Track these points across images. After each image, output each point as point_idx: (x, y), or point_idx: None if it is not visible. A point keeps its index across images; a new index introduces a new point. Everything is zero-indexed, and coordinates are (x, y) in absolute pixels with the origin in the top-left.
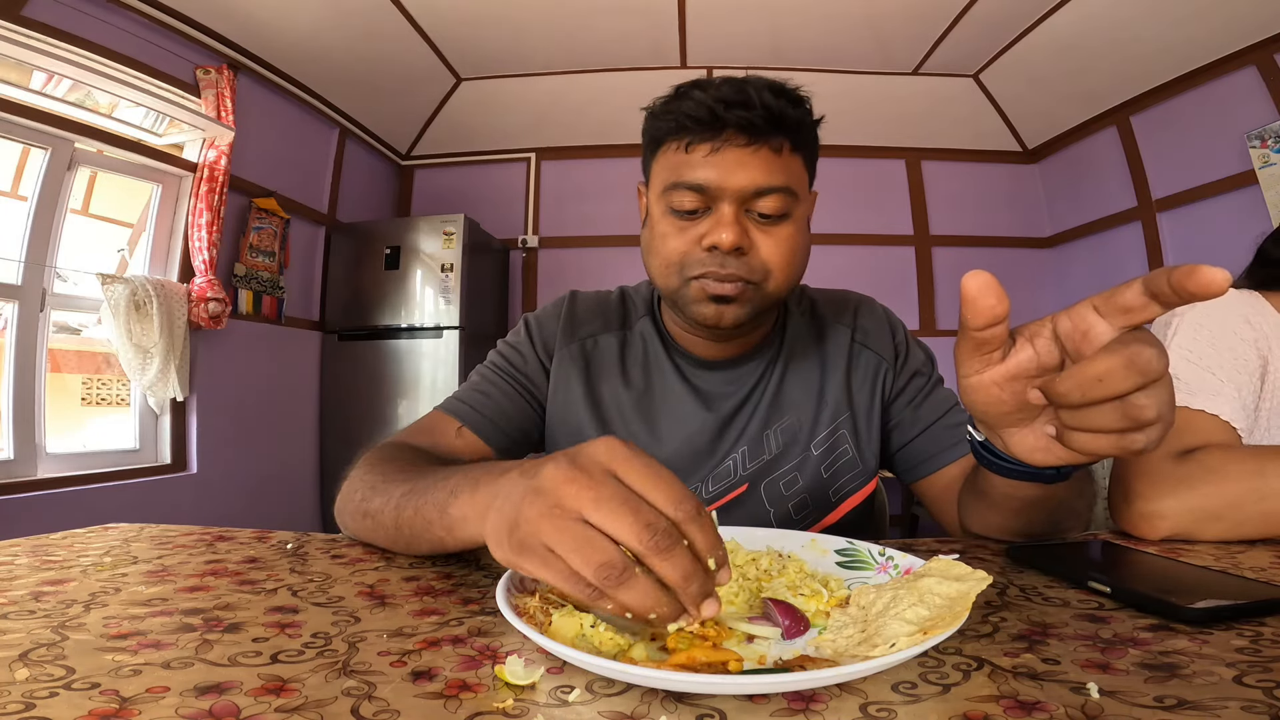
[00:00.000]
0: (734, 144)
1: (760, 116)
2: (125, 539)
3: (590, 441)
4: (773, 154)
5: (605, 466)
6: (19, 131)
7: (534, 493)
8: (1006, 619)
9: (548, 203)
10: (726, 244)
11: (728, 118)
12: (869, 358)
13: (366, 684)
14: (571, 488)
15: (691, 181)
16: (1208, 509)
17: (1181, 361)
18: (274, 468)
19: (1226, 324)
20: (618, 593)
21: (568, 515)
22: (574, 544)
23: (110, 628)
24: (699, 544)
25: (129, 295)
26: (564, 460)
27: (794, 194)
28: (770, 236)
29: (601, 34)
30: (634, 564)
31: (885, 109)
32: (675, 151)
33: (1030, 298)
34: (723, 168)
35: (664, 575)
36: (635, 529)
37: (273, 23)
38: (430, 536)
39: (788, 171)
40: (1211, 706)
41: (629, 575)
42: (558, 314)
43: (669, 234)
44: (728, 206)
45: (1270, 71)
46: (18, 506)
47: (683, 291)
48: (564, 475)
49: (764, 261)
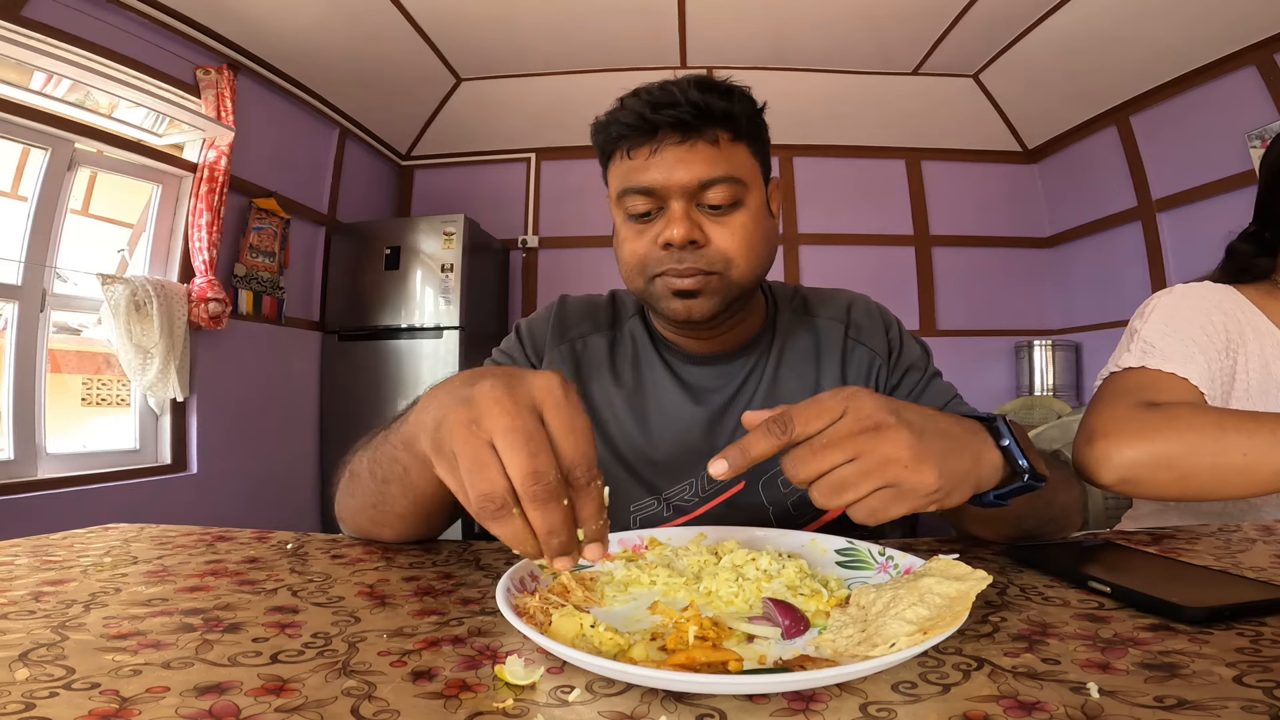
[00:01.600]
0: (670, 143)
1: (688, 113)
2: (125, 539)
3: (537, 373)
4: (710, 147)
5: (535, 401)
6: (19, 131)
7: (464, 401)
8: (1006, 619)
9: (548, 203)
10: (678, 239)
11: (658, 119)
12: (863, 353)
13: (366, 684)
14: (494, 409)
15: (638, 185)
16: (1160, 455)
17: (1156, 332)
18: (274, 468)
19: (1199, 307)
20: (489, 523)
21: (480, 434)
22: (471, 464)
23: (110, 628)
24: (580, 511)
25: (129, 295)
26: (501, 382)
27: (741, 182)
28: (724, 226)
29: (601, 34)
30: (514, 503)
31: (885, 109)
32: (621, 160)
33: (1030, 298)
34: (663, 167)
35: (532, 521)
36: (524, 472)
37: (272, 23)
38: (398, 469)
39: (730, 161)
40: (1211, 706)
41: (504, 513)
42: (547, 318)
43: (628, 238)
44: (676, 203)
45: (1270, 71)
46: (18, 506)
47: (649, 291)
48: (493, 395)
49: (721, 251)
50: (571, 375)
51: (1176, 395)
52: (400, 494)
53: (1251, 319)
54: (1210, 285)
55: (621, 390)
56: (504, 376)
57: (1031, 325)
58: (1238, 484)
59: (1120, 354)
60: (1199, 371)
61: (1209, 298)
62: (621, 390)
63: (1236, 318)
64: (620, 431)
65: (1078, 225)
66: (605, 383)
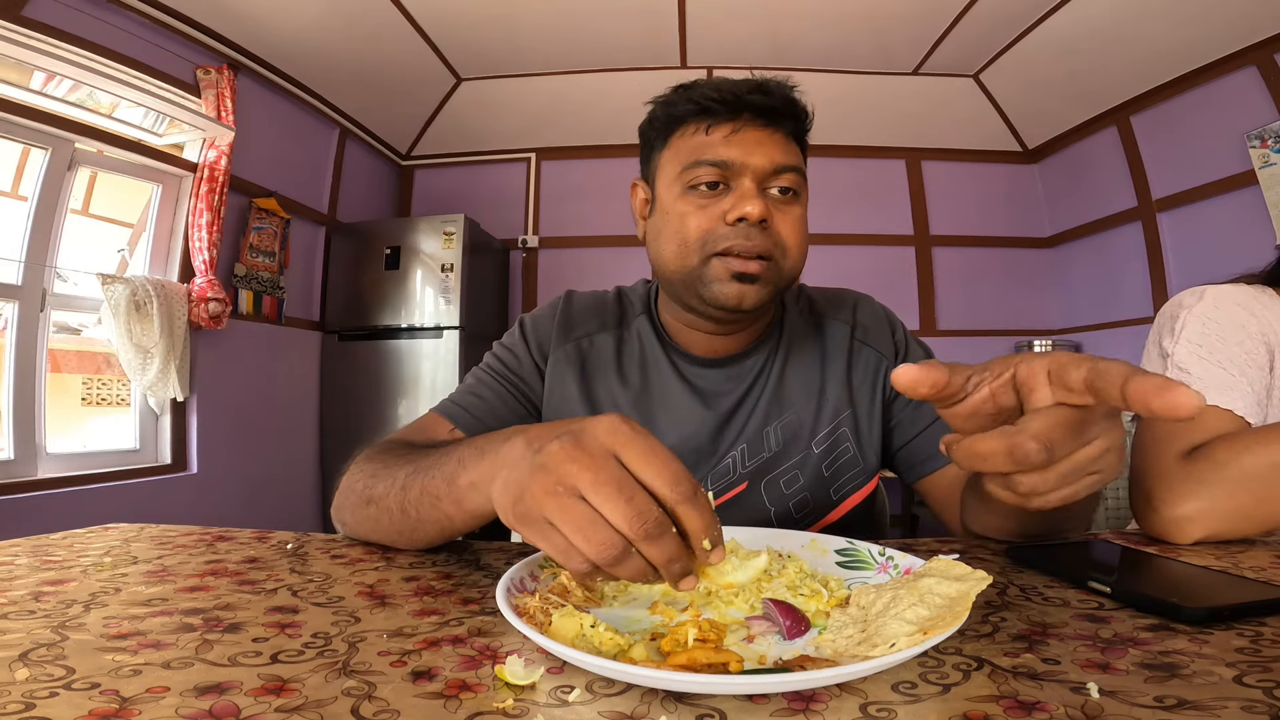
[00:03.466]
0: (753, 125)
1: (779, 101)
2: (125, 539)
3: (595, 419)
4: (786, 138)
5: (607, 446)
6: (19, 131)
7: (539, 469)
8: (1006, 619)
9: (548, 203)
10: (755, 215)
11: (749, 100)
12: (869, 355)
13: (366, 684)
14: (573, 467)
15: (714, 159)
16: (1231, 510)
17: (1190, 356)
18: (274, 468)
19: (1233, 318)
20: (613, 569)
21: (569, 493)
22: (575, 527)
23: (110, 628)
24: (692, 525)
25: (129, 295)
26: (569, 438)
27: (804, 175)
28: (786, 214)
29: (601, 34)
30: (629, 545)
31: (885, 109)
32: (694, 134)
33: (1030, 298)
34: (744, 146)
35: (650, 558)
36: (627, 516)
37: (273, 23)
38: (437, 514)
39: (797, 156)
40: (1211, 706)
41: (626, 555)
42: (553, 314)
43: (688, 212)
44: (749, 182)
45: (1270, 71)
46: (18, 506)
47: (703, 271)
48: (566, 454)
49: (783, 237)
50: (577, 374)
51: (1218, 429)
52: (436, 533)
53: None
54: (1242, 289)
55: (628, 391)
56: (567, 433)
57: (1031, 325)
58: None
59: None
60: (1241, 399)
61: (1243, 304)
62: (628, 391)
63: (1273, 325)
64: None
65: (1078, 225)
66: (611, 383)
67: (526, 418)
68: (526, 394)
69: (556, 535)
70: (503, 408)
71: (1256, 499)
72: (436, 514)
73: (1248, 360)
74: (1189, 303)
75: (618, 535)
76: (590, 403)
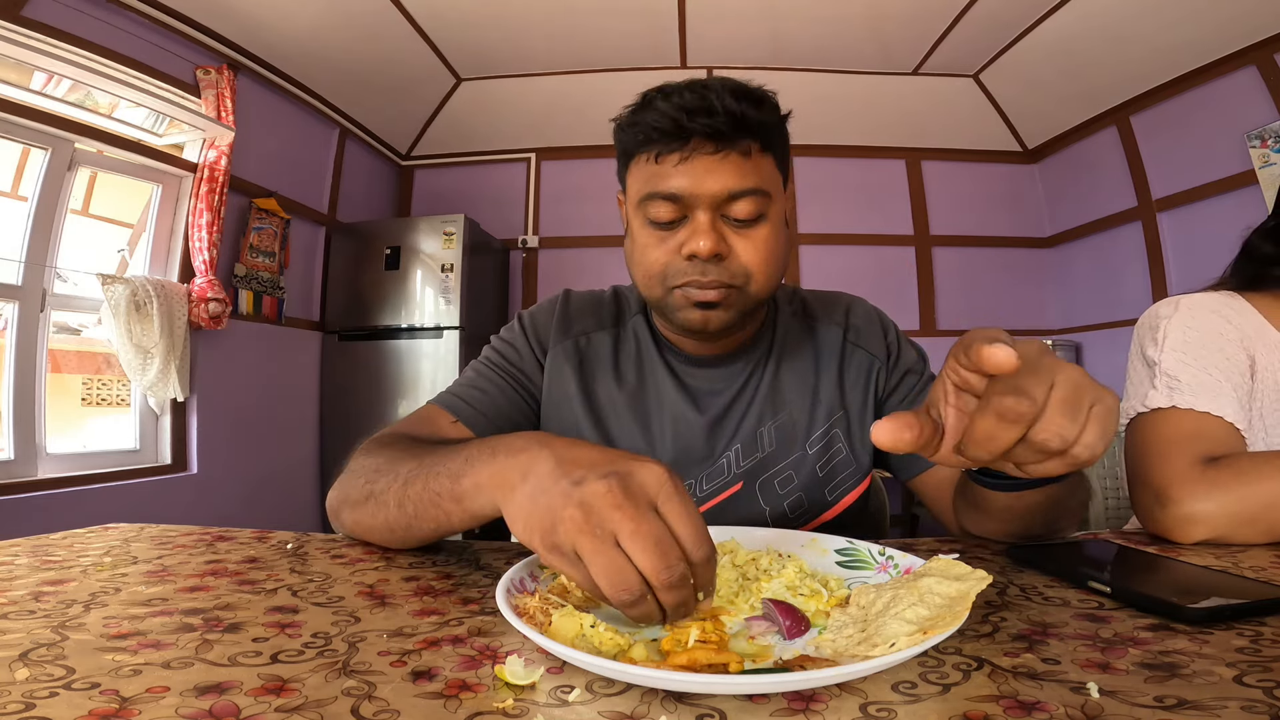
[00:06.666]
0: (702, 152)
1: (724, 123)
2: (125, 539)
3: (643, 466)
4: (741, 158)
5: (651, 499)
6: (19, 131)
7: (580, 506)
8: (1006, 619)
9: (548, 203)
10: (705, 251)
11: (692, 126)
12: (862, 357)
13: (366, 684)
14: (616, 514)
15: (665, 191)
16: (1239, 514)
17: (1178, 364)
18: (274, 468)
19: (1211, 325)
20: (625, 608)
21: (606, 538)
22: (604, 568)
23: (110, 628)
24: (702, 581)
25: (129, 295)
26: (616, 482)
27: (767, 194)
28: (747, 240)
29: (601, 34)
30: (648, 590)
31: (885, 109)
32: (646, 163)
33: (1030, 298)
34: (693, 176)
35: (665, 603)
36: (657, 568)
37: (273, 23)
38: (437, 512)
39: (758, 173)
40: (1211, 706)
41: (642, 600)
42: (552, 311)
43: (649, 245)
44: (702, 214)
45: (1270, 71)
46: (18, 506)
47: (667, 300)
48: (613, 500)
49: (744, 265)
50: (575, 371)
51: (1229, 444)
52: (431, 531)
53: (1261, 331)
54: (1213, 297)
55: (624, 390)
56: (614, 475)
57: (1031, 325)
58: None
59: (1143, 388)
60: (1230, 405)
61: (1217, 311)
62: (624, 390)
63: (1247, 332)
64: (622, 431)
65: (1078, 225)
66: (608, 381)
67: (527, 411)
68: (527, 387)
69: (581, 568)
70: (504, 400)
71: (1264, 504)
72: (435, 511)
73: (1230, 366)
74: (1166, 313)
75: (641, 581)
76: (589, 402)
